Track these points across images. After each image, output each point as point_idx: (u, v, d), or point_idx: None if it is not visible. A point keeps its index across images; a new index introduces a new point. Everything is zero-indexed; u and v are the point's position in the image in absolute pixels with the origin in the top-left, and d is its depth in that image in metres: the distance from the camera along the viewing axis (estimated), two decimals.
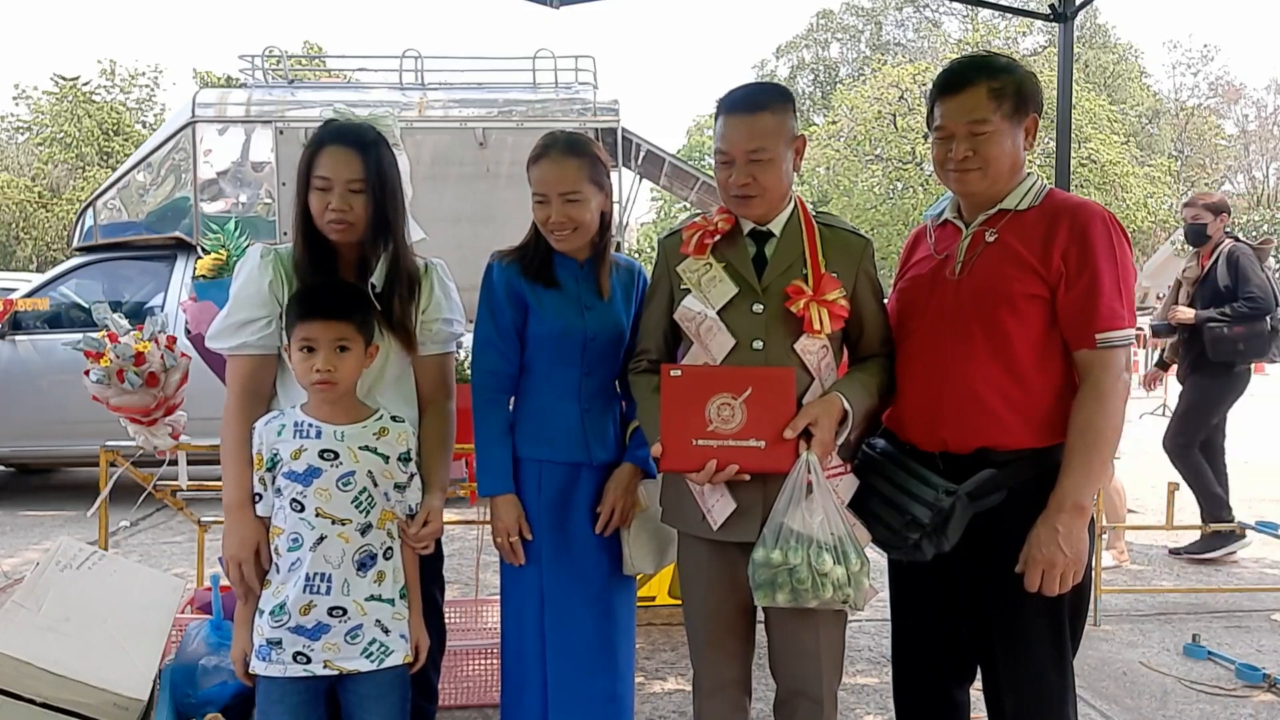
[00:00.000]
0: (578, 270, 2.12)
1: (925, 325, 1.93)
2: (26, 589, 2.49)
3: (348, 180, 1.90)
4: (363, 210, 1.92)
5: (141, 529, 5.33)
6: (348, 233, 1.93)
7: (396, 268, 1.99)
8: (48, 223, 26.09)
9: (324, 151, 1.92)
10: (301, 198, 1.94)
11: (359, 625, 1.85)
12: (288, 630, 1.83)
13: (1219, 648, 3.54)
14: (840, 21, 40.00)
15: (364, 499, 1.86)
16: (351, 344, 1.83)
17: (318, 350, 1.81)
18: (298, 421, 1.87)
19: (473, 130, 6.82)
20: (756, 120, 1.87)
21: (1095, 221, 1.81)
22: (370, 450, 1.87)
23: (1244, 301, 4.58)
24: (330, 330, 1.81)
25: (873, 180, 27.49)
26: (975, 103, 1.82)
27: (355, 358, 1.84)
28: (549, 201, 2.04)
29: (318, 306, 1.83)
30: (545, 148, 2.07)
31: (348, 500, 1.84)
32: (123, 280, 6.27)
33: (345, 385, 1.85)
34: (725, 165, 1.91)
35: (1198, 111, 37.67)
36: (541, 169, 2.06)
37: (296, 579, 1.83)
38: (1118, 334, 1.79)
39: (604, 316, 2.12)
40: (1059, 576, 1.77)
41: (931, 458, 1.88)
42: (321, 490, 1.83)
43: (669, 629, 3.63)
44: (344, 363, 1.82)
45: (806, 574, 1.77)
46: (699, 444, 1.82)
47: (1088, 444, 1.78)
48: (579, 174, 2.04)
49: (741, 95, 1.93)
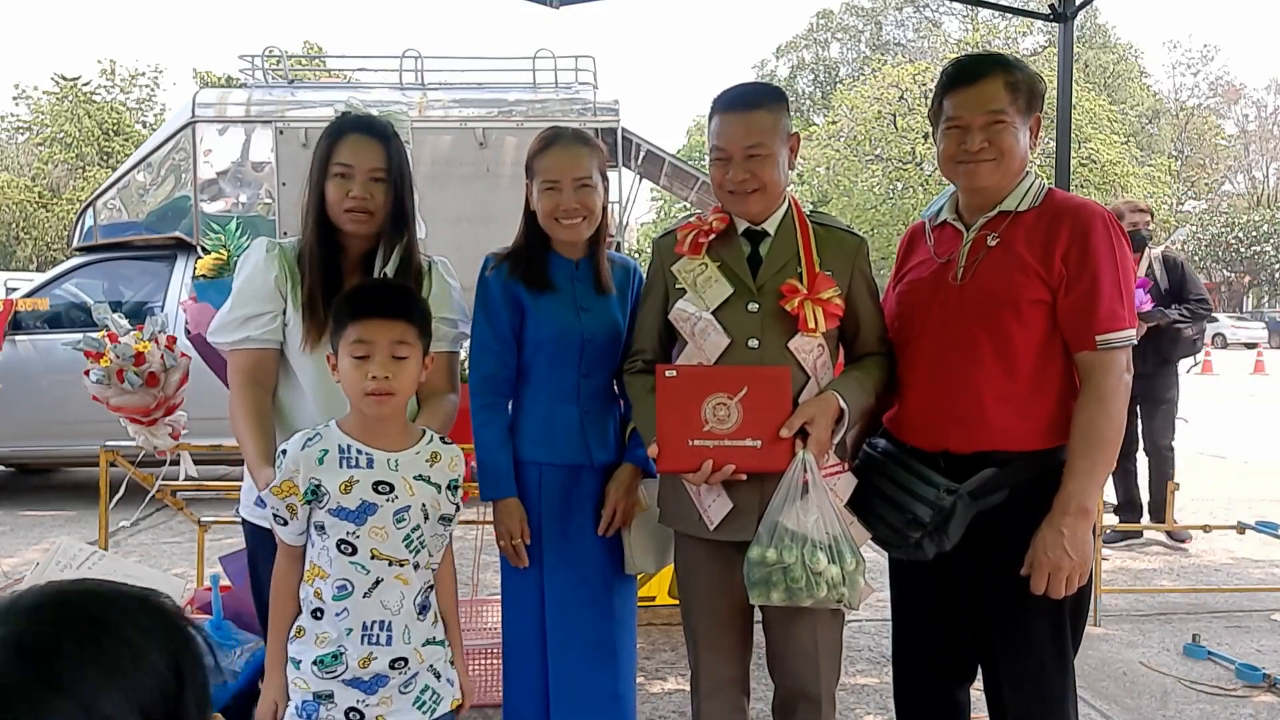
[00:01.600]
0: (573, 270, 2.10)
1: (928, 330, 1.91)
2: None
3: (370, 169, 1.87)
4: (383, 200, 1.89)
5: (142, 529, 5.33)
6: (368, 223, 1.89)
7: (409, 263, 1.95)
8: (48, 223, 26.13)
9: (346, 139, 1.88)
10: (318, 186, 1.89)
11: (415, 674, 1.68)
12: (342, 683, 1.62)
13: (1219, 648, 3.53)
14: (840, 21, 40.01)
15: (415, 536, 1.65)
16: (410, 349, 1.63)
17: (373, 355, 1.58)
18: (343, 446, 1.62)
19: (473, 130, 6.82)
20: (753, 117, 1.88)
21: (1096, 223, 1.81)
22: (425, 480, 1.66)
23: (1197, 303, 4.83)
24: (388, 331, 1.59)
25: (873, 180, 27.51)
26: (993, 93, 1.81)
27: (413, 366, 1.63)
28: (561, 188, 2.00)
29: (374, 304, 1.62)
30: (553, 137, 2.05)
31: (400, 539, 1.63)
32: (123, 280, 6.28)
33: (402, 398, 1.63)
34: (722, 163, 1.91)
35: (1198, 111, 37.68)
36: (553, 156, 2.02)
37: (351, 628, 1.62)
38: (1118, 335, 1.78)
39: (601, 317, 2.10)
40: (1064, 579, 1.76)
41: (933, 458, 1.88)
42: (377, 529, 1.61)
43: (669, 629, 3.63)
44: (402, 371, 1.60)
45: (801, 573, 1.76)
46: (695, 444, 1.82)
47: (1090, 446, 1.77)
48: (590, 161, 2.03)
49: (737, 93, 1.93)
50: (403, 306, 1.64)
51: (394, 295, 1.68)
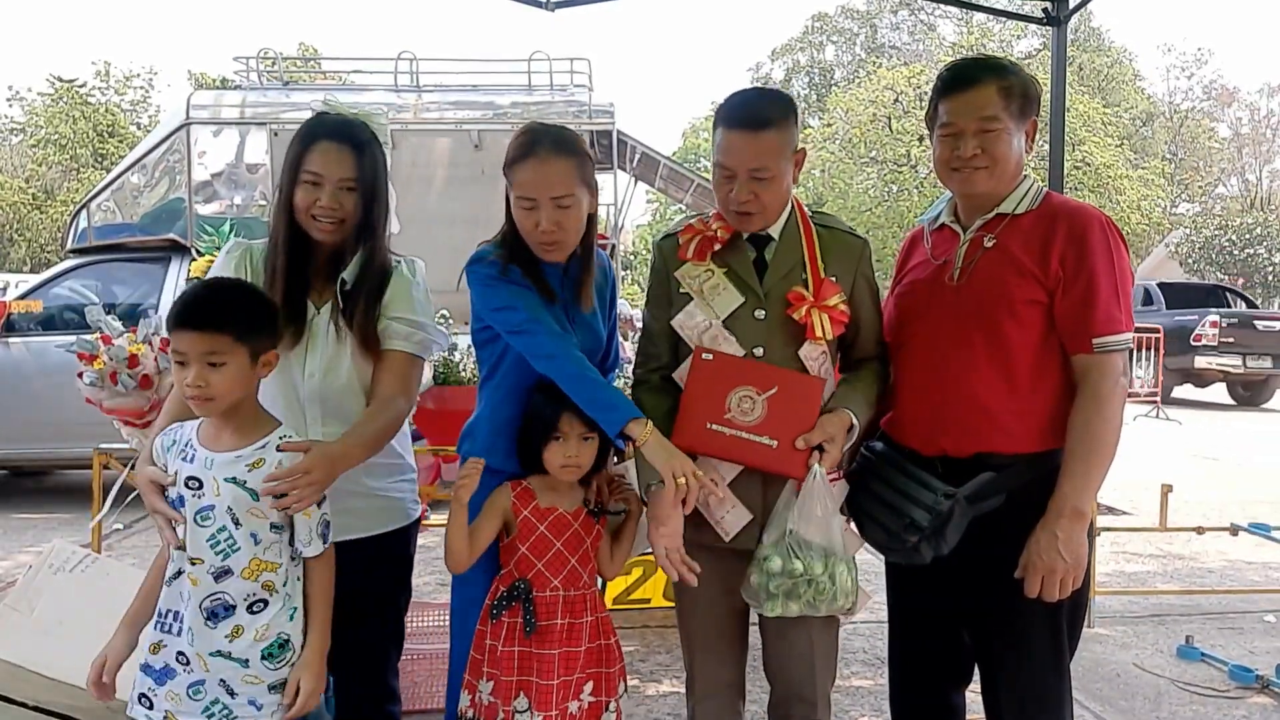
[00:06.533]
0: (561, 278, 1.99)
1: (924, 331, 1.92)
2: (19, 592, 2.48)
3: (340, 179, 1.85)
4: (353, 209, 1.87)
5: (135, 531, 5.31)
6: (335, 231, 1.87)
7: (369, 267, 1.91)
8: (42, 224, 26.04)
9: (317, 147, 1.85)
10: (287, 190, 1.87)
11: (201, 681, 1.63)
12: (139, 667, 1.66)
13: (1212, 649, 3.55)
14: (835, 24, 40.07)
15: (222, 539, 1.63)
16: (227, 357, 1.62)
17: (188, 364, 1.61)
18: (188, 441, 1.69)
19: (468, 132, 6.82)
20: (761, 139, 1.82)
21: (1093, 226, 1.81)
22: (237, 484, 1.63)
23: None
24: (199, 343, 1.61)
25: (868, 183, 27.54)
26: (986, 99, 1.80)
27: (232, 371, 1.62)
28: (538, 207, 1.86)
29: (188, 315, 1.63)
30: (530, 145, 1.88)
31: (203, 538, 1.63)
32: (117, 282, 6.26)
33: (225, 400, 1.63)
34: (727, 180, 1.86)
35: (1191, 115, 37.79)
36: (528, 169, 1.87)
37: (160, 610, 1.67)
38: (1115, 338, 1.78)
39: (588, 329, 2.01)
40: (1059, 582, 1.76)
41: (930, 462, 1.88)
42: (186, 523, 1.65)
43: (663, 631, 3.63)
44: (218, 377, 1.61)
45: (826, 584, 1.80)
46: (713, 428, 1.83)
47: (1086, 450, 1.77)
48: (570, 175, 1.87)
49: (745, 111, 1.84)
50: (214, 318, 1.63)
51: (209, 306, 1.66)
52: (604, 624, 1.97)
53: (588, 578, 1.96)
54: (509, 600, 1.89)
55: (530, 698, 1.86)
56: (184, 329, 1.62)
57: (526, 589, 1.88)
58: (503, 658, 1.88)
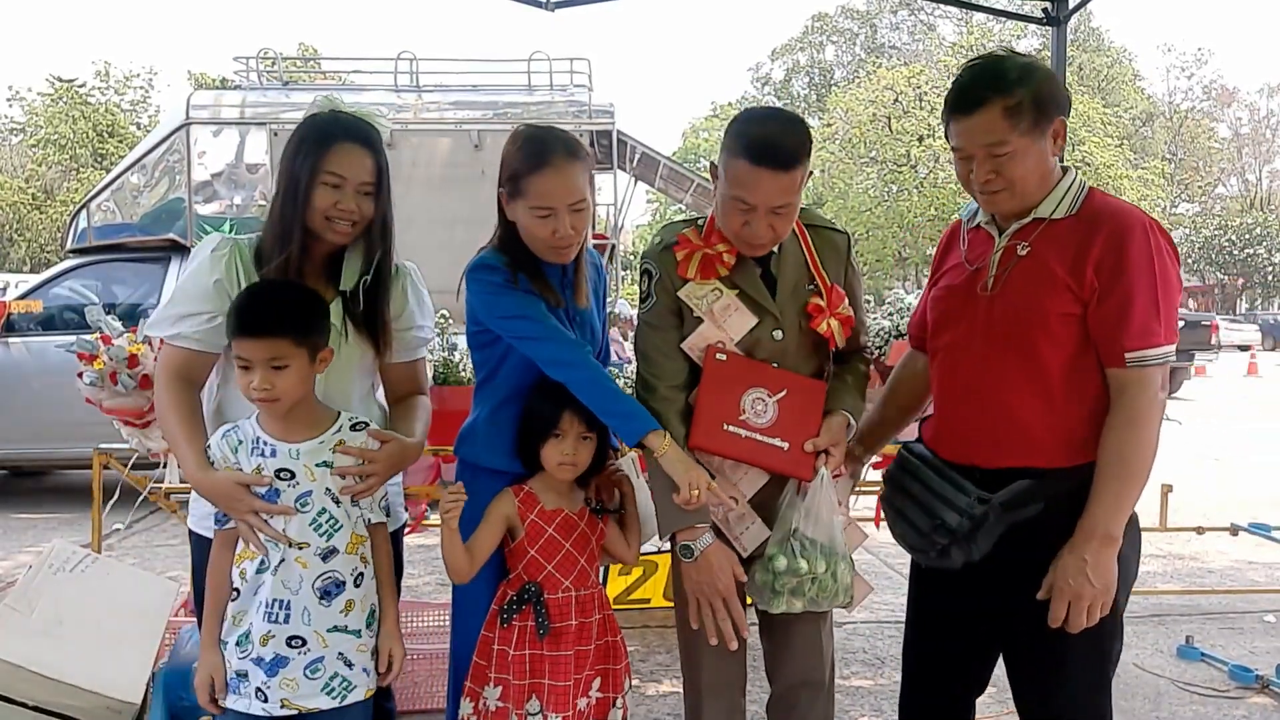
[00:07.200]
0: (561, 279, 1.98)
1: (957, 341, 1.85)
2: (19, 592, 2.48)
3: (361, 182, 1.84)
4: (370, 212, 1.87)
5: (135, 532, 5.32)
6: (349, 234, 1.87)
7: (384, 272, 1.93)
8: (42, 224, 26.09)
9: (338, 148, 1.83)
10: (305, 190, 1.82)
11: (320, 658, 1.73)
12: (251, 662, 1.71)
13: (1212, 649, 3.54)
14: (835, 24, 40.12)
15: (324, 520, 1.74)
16: (290, 360, 1.69)
17: (252, 369, 1.68)
18: (256, 438, 1.75)
19: (468, 132, 6.82)
20: (789, 179, 1.77)
21: (1135, 231, 1.68)
22: (328, 466, 1.75)
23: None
24: (261, 350, 1.68)
25: (868, 183, 27.56)
26: (990, 125, 1.68)
27: (296, 372, 1.70)
28: (557, 214, 1.84)
29: (248, 323, 1.70)
30: (542, 153, 1.86)
31: (305, 522, 1.72)
32: (117, 282, 6.26)
33: (289, 399, 1.72)
34: (744, 212, 1.80)
35: (1191, 115, 37.82)
36: (547, 180, 1.84)
37: (260, 603, 1.72)
38: (1151, 352, 1.66)
39: (586, 326, 2.02)
40: (1085, 609, 1.66)
41: (967, 470, 1.81)
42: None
43: (663, 631, 3.63)
44: (282, 379, 1.69)
45: (830, 581, 1.84)
46: (729, 429, 1.85)
47: (1119, 471, 1.67)
48: (583, 179, 1.88)
49: (773, 150, 1.77)
50: (278, 324, 1.69)
51: (271, 311, 1.71)
52: (610, 621, 1.98)
53: (595, 576, 1.97)
54: (519, 604, 1.88)
55: (543, 700, 1.86)
56: (245, 337, 1.69)
57: (537, 592, 1.88)
58: (514, 662, 1.87)
